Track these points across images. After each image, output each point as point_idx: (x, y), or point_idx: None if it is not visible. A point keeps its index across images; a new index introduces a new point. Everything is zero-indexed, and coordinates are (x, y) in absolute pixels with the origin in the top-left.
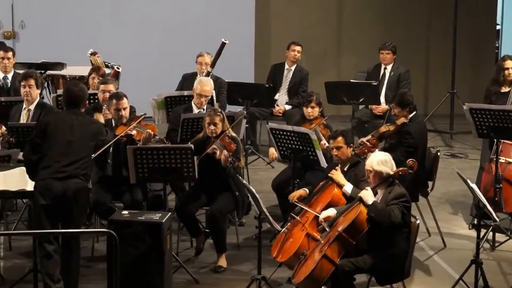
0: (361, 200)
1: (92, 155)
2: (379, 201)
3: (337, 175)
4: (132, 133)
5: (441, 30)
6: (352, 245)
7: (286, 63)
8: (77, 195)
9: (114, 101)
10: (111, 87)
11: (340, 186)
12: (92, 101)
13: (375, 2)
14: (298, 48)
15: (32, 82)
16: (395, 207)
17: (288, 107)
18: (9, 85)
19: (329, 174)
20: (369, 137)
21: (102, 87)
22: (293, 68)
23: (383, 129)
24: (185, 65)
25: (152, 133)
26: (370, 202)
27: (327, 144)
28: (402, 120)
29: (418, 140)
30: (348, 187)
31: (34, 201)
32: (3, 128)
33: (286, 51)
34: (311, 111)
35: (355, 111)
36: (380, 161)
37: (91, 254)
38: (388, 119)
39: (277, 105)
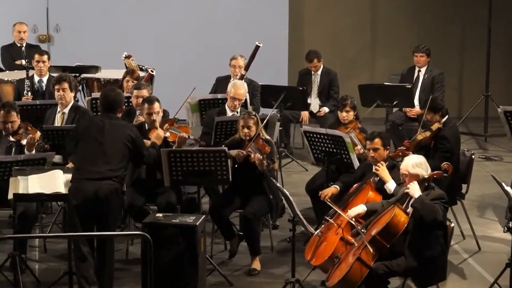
0: (398, 200)
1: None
2: None
3: (382, 170)
4: (166, 135)
5: (475, 33)
6: (387, 248)
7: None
8: (109, 196)
9: (145, 105)
10: (145, 92)
11: (384, 182)
12: (126, 104)
13: (408, 4)
14: (314, 64)
15: (66, 85)
16: (438, 206)
17: (326, 109)
18: (44, 89)
19: (375, 168)
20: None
21: (135, 92)
22: (319, 71)
23: (419, 137)
24: (219, 68)
25: (187, 135)
26: (416, 195)
27: (362, 149)
28: (436, 125)
29: (453, 145)
30: (392, 184)
31: (68, 203)
32: (38, 133)
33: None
34: (346, 115)
35: (389, 114)
36: (415, 163)
37: (126, 257)
38: (424, 123)
39: (312, 110)
